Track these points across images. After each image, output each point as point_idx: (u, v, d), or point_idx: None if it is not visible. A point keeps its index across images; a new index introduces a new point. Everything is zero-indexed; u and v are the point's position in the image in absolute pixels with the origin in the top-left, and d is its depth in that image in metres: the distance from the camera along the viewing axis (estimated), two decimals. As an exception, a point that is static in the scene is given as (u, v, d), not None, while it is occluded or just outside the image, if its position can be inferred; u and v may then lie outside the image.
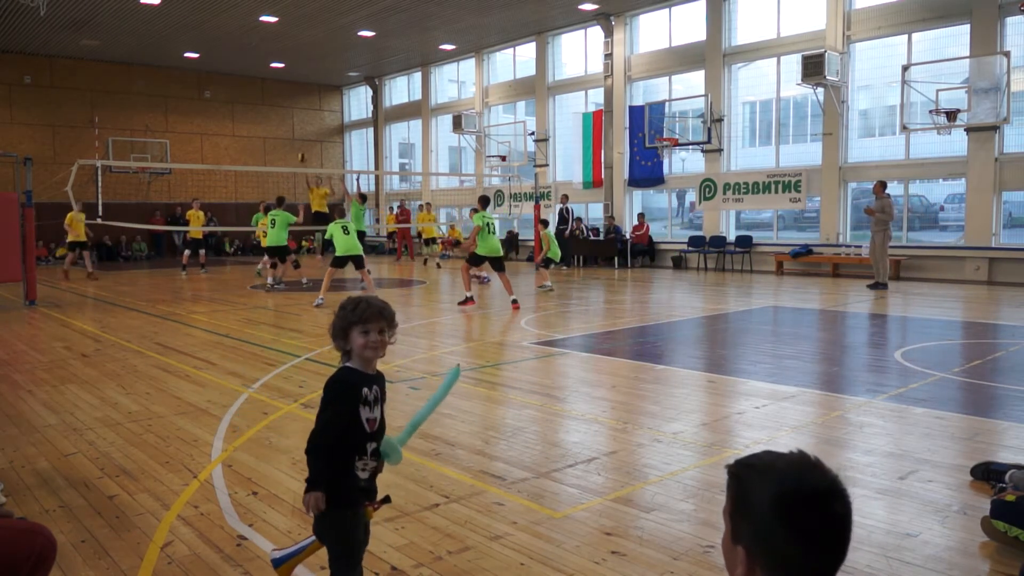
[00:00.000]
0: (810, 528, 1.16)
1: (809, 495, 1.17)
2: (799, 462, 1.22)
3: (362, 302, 2.55)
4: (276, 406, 5.88)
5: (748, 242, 18.91)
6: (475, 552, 3.30)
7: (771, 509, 1.17)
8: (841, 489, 1.20)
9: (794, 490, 1.17)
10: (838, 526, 1.19)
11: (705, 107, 19.07)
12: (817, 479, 1.19)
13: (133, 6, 19.39)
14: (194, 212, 19.67)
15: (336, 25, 21.70)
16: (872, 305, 11.83)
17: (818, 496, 1.17)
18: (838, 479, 1.21)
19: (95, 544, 3.43)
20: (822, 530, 1.17)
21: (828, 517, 1.18)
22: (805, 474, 1.20)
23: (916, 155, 16.26)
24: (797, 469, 1.21)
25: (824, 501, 1.18)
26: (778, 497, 1.17)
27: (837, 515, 1.18)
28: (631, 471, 4.36)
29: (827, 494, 1.18)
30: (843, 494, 1.20)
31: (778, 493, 1.17)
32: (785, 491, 1.17)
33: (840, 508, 1.19)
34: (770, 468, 1.22)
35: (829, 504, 1.18)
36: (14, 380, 7.02)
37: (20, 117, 25.29)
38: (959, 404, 5.90)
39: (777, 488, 1.18)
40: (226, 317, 11.21)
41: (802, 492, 1.17)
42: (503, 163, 24.23)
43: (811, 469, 1.21)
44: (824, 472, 1.21)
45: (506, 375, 6.97)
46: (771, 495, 1.18)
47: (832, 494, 1.19)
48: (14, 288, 13.80)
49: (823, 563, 1.18)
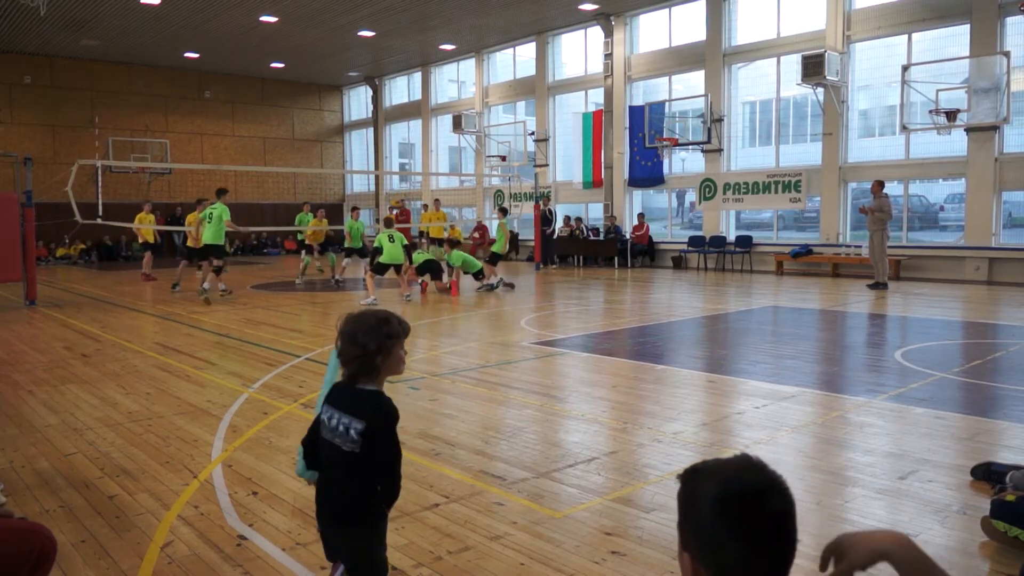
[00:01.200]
0: (750, 527, 1.16)
1: (747, 494, 1.17)
2: (739, 464, 1.22)
3: (394, 316, 2.43)
4: (276, 406, 5.88)
5: (748, 242, 18.91)
6: (475, 552, 3.30)
7: (711, 510, 1.17)
8: (781, 487, 1.20)
9: (734, 491, 1.18)
10: (779, 524, 1.18)
11: (705, 107, 19.07)
12: (756, 478, 1.20)
13: (133, 6, 19.40)
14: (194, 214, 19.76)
15: (336, 25, 21.70)
16: (872, 305, 11.83)
17: (757, 494, 1.17)
18: (778, 478, 1.21)
19: (95, 544, 3.43)
20: (763, 528, 1.16)
21: (768, 515, 1.17)
22: (744, 474, 1.20)
23: (916, 155, 16.26)
24: (737, 470, 1.21)
25: (763, 499, 1.17)
26: (718, 498, 1.17)
27: (777, 512, 1.18)
28: (631, 471, 4.36)
29: (765, 492, 1.18)
30: (783, 492, 1.19)
31: (718, 494, 1.18)
32: (725, 492, 1.18)
33: (779, 505, 1.18)
34: (712, 472, 1.22)
35: (768, 502, 1.17)
36: (14, 380, 7.02)
37: (20, 117, 25.29)
38: (959, 404, 5.90)
39: (717, 489, 1.18)
40: (226, 317, 11.21)
41: (741, 491, 1.17)
42: (503, 163, 24.22)
43: (751, 470, 1.21)
44: (764, 471, 1.21)
45: (506, 375, 6.97)
46: (712, 496, 1.18)
47: (770, 492, 1.18)
48: (14, 288, 13.79)
49: (767, 564, 1.17)
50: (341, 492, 2.41)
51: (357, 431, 2.32)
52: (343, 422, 2.35)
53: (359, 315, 2.42)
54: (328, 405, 2.43)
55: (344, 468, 2.37)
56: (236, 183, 28.62)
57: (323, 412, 2.43)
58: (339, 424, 2.36)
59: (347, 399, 2.39)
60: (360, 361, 2.34)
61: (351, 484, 2.37)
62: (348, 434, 2.33)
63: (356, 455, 2.33)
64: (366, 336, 2.34)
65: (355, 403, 2.36)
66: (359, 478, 2.36)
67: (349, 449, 2.33)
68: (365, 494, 2.38)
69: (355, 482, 2.36)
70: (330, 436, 2.39)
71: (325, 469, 2.46)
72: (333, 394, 2.44)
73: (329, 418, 2.40)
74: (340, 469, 2.38)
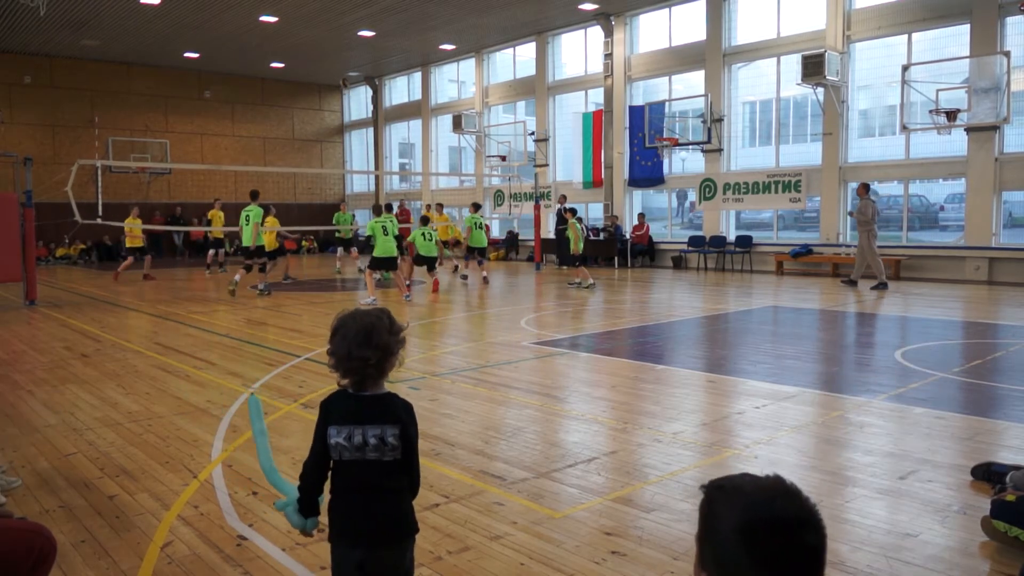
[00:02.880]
0: (776, 559, 1.07)
1: (778, 523, 1.08)
2: (772, 487, 1.13)
3: (388, 312, 2.32)
4: (276, 406, 5.88)
5: (748, 242, 18.91)
6: (475, 552, 3.30)
7: (736, 535, 1.09)
8: (816, 520, 1.11)
9: (763, 517, 1.09)
10: (808, 560, 1.09)
11: (705, 107, 19.07)
12: (790, 507, 1.10)
13: (133, 6, 19.39)
14: (215, 212, 19.95)
15: (336, 25, 21.70)
16: (872, 305, 11.83)
17: (788, 525, 1.09)
18: (814, 509, 1.12)
19: (95, 544, 3.43)
20: (789, 562, 1.07)
21: (797, 549, 1.08)
22: (777, 500, 1.11)
23: (916, 155, 16.25)
24: (769, 495, 1.12)
25: (794, 531, 1.09)
26: (745, 523, 1.09)
27: (808, 547, 1.09)
28: (631, 471, 4.36)
29: (798, 524, 1.09)
30: (817, 525, 1.10)
31: (745, 519, 1.09)
32: (753, 517, 1.09)
33: (812, 540, 1.09)
34: (739, 491, 1.13)
35: (799, 535, 1.09)
36: (14, 380, 7.02)
37: (20, 117, 25.28)
38: (959, 404, 5.90)
39: (744, 514, 1.10)
40: (226, 317, 11.21)
41: (771, 520, 1.09)
42: (503, 163, 24.23)
43: (784, 496, 1.11)
44: (799, 500, 1.12)
45: (506, 375, 6.97)
46: (737, 520, 1.09)
47: (804, 524, 1.09)
48: (14, 288, 13.79)
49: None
50: (391, 506, 2.23)
51: (395, 436, 2.18)
52: (373, 434, 2.18)
53: (363, 315, 2.25)
54: (339, 425, 2.20)
55: (388, 480, 2.21)
56: (236, 183, 28.63)
57: (334, 436, 2.20)
58: (368, 438, 2.18)
59: (365, 410, 2.21)
60: (378, 365, 2.19)
61: (399, 493, 2.25)
62: (385, 444, 2.18)
63: (399, 462, 2.21)
64: (385, 337, 2.20)
65: (379, 411, 2.21)
66: (402, 483, 2.25)
67: (391, 458, 2.19)
68: (408, 498, 2.28)
69: (402, 489, 2.26)
70: (358, 455, 2.19)
71: (356, 492, 2.22)
72: (340, 411, 2.22)
73: (348, 437, 2.19)
74: (383, 482, 2.21)
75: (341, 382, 2.25)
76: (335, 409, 2.23)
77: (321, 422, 2.23)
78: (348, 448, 2.19)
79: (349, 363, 2.18)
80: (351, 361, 2.18)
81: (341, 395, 2.25)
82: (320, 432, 2.23)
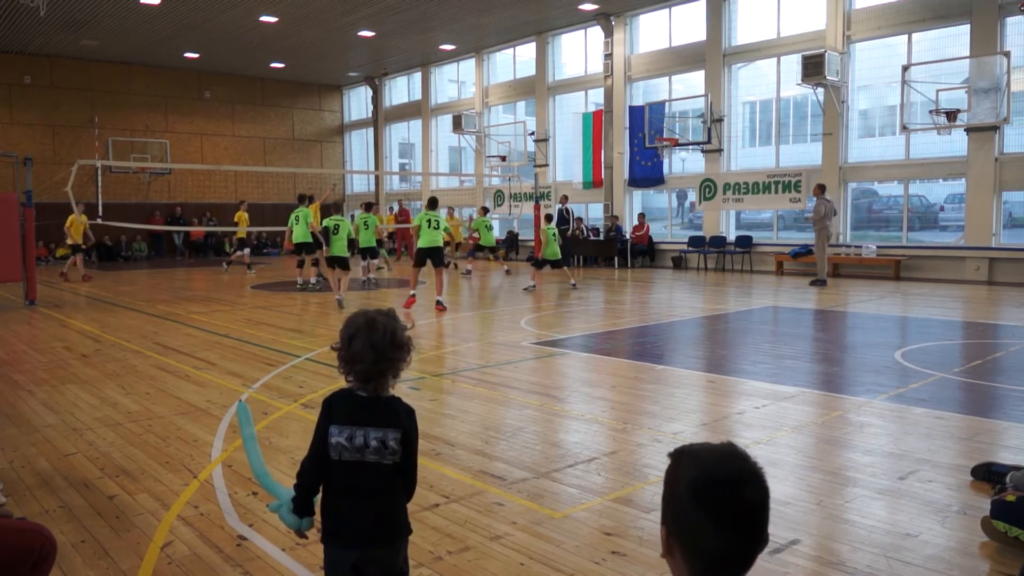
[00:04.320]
0: (721, 511, 1.22)
1: (723, 481, 1.23)
2: (721, 450, 1.28)
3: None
4: (276, 406, 5.88)
5: (748, 242, 18.91)
6: (475, 552, 3.30)
7: (688, 491, 1.24)
8: (758, 479, 1.25)
9: (710, 475, 1.24)
10: (750, 511, 1.23)
11: (705, 107, 19.07)
12: (734, 466, 1.25)
13: (133, 6, 19.39)
14: (241, 213, 19.98)
15: (336, 25, 21.70)
16: (872, 305, 11.82)
17: (732, 482, 1.23)
18: (757, 468, 1.26)
19: (95, 544, 3.43)
20: (733, 514, 1.22)
21: (740, 502, 1.22)
22: (724, 461, 1.26)
23: (916, 155, 16.25)
24: (717, 456, 1.27)
25: (737, 487, 1.23)
26: (695, 480, 1.24)
27: (749, 501, 1.23)
28: (631, 471, 4.36)
29: (741, 481, 1.24)
30: (759, 483, 1.25)
31: (696, 477, 1.25)
32: (702, 475, 1.24)
33: (753, 495, 1.24)
34: (695, 454, 1.29)
35: (741, 490, 1.23)
36: (14, 380, 7.02)
37: (20, 117, 25.28)
38: (959, 404, 5.90)
39: (696, 473, 1.25)
40: (226, 317, 11.21)
41: (717, 477, 1.24)
42: (503, 163, 24.23)
43: (731, 457, 1.27)
44: (744, 462, 1.26)
45: (506, 375, 6.97)
46: (690, 478, 1.25)
47: (747, 482, 1.24)
48: (14, 288, 13.79)
49: (735, 546, 1.23)
50: (387, 507, 2.24)
51: (396, 441, 2.19)
52: (375, 436, 2.18)
53: (381, 318, 2.22)
54: (341, 425, 2.19)
55: (385, 482, 2.22)
56: (236, 183, 28.65)
57: (335, 435, 2.19)
58: (369, 441, 2.18)
59: (369, 412, 2.20)
60: (395, 366, 2.20)
61: (396, 495, 2.25)
62: (386, 448, 2.18)
63: (397, 465, 2.21)
64: (402, 338, 2.20)
65: (382, 414, 2.21)
66: (397, 486, 2.25)
67: (390, 462, 2.20)
68: (403, 500, 2.29)
69: (398, 491, 2.26)
70: (358, 456, 2.19)
71: (352, 493, 2.21)
72: (343, 411, 2.21)
73: (350, 438, 2.18)
74: (380, 484, 2.21)
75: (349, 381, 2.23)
76: (338, 409, 2.22)
77: (323, 420, 2.22)
78: (348, 449, 2.19)
79: (377, 365, 2.17)
80: (381, 363, 2.17)
81: (345, 395, 2.24)
82: (321, 430, 2.22)
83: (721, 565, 1.24)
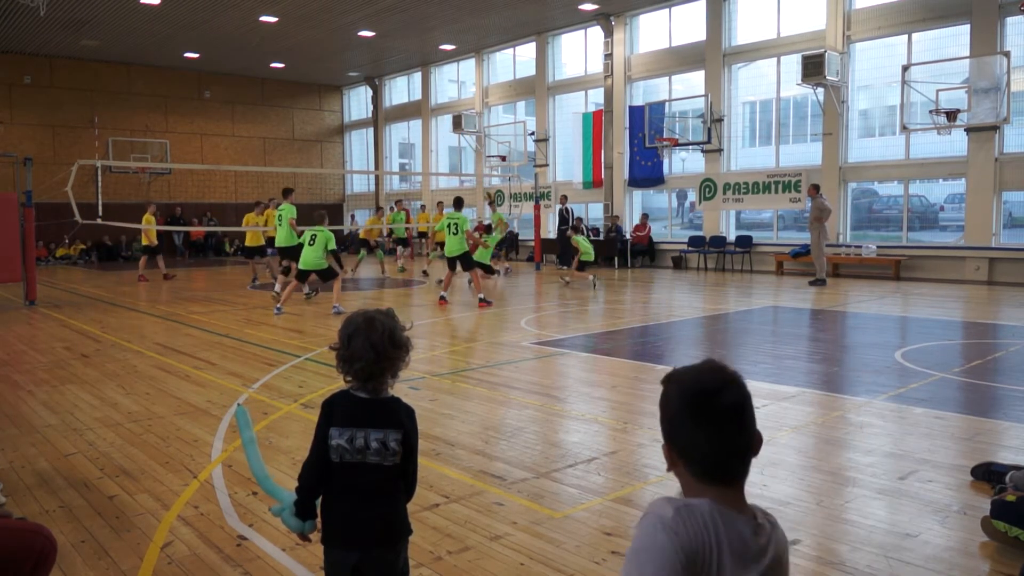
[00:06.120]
0: (707, 417, 1.39)
1: (703, 390, 1.41)
2: (701, 367, 1.46)
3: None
4: (276, 406, 5.88)
5: (748, 242, 18.91)
6: (475, 552, 3.30)
7: (679, 405, 1.42)
8: (735, 385, 1.42)
9: (695, 388, 1.42)
10: (732, 412, 1.40)
11: (705, 107, 19.07)
12: (714, 377, 1.43)
13: (133, 6, 19.39)
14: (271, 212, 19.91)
15: (336, 25, 21.70)
16: (872, 305, 11.82)
17: (713, 390, 1.40)
18: (733, 376, 1.43)
19: (95, 544, 3.43)
20: (718, 417, 1.39)
21: (721, 406, 1.39)
22: (704, 375, 1.44)
23: (916, 155, 16.25)
24: (698, 372, 1.45)
25: (717, 394, 1.40)
26: (683, 394, 1.42)
27: (730, 404, 1.40)
28: (631, 471, 4.36)
29: (720, 389, 1.40)
30: (736, 387, 1.42)
31: (683, 391, 1.43)
32: (689, 389, 1.42)
33: (731, 398, 1.40)
34: (681, 376, 1.46)
35: (721, 396, 1.40)
36: (14, 380, 7.02)
37: (20, 117, 25.29)
38: (959, 404, 5.90)
39: (682, 388, 1.43)
40: (226, 317, 11.21)
41: (700, 388, 1.41)
42: (503, 163, 24.22)
43: (709, 371, 1.44)
44: (722, 372, 1.43)
45: (506, 375, 6.97)
46: (679, 394, 1.43)
47: (725, 389, 1.41)
48: (14, 288, 13.79)
49: (726, 446, 1.40)
50: (388, 509, 2.23)
51: (397, 442, 2.18)
52: (376, 438, 2.17)
53: (380, 317, 2.22)
54: (342, 427, 2.18)
55: (387, 483, 2.21)
56: (236, 183, 28.66)
57: (336, 437, 2.18)
58: (370, 442, 2.17)
59: (369, 413, 2.19)
60: (394, 366, 2.19)
61: (397, 496, 2.25)
62: (387, 449, 2.17)
63: (398, 466, 2.20)
64: (401, 337, 2.20)
65: (383, 415, 2.20)
66: (398, 487, 2.25)
67: (391, 463, 2.19)
68: (404, 501, 2.28)
69: (399, 492, 2.25)
70: (359, 458, 2.17)
71: (353, 494, 2.21)
72: (344, 412, 2.20)
73: (350, 440, 2.17)
74: (381, 486, 2.21)
75: (348, 381, 2.22)
76: (338, 410, 2.21)
77: (323, 423, 2.21)
78: (349, 451, 2.17)
79: (376, 364, 2.16)
80: (380, 363, 2.17)
81: (345, 396, 2.23)
82: (321, 433, 2.21)
83: (717, 465, 1.40)
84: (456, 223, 12.19)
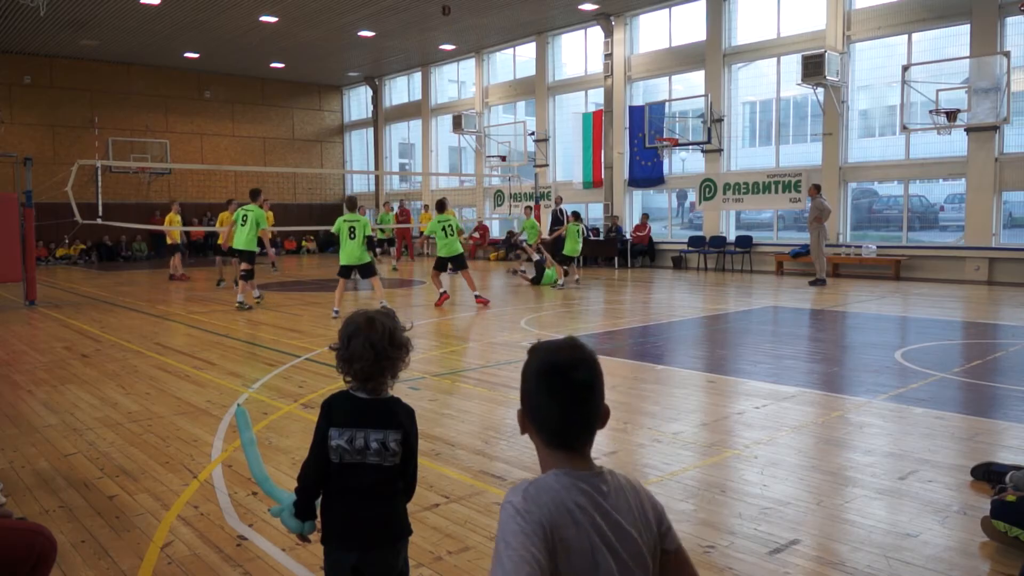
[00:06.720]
0: (558, 390, 1.48)
1: (558, 365, 1.49)
2: (561, 343, 1.54)
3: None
4: (276, 406, 5.88)
5: (748, 242, 18.91)
6: (475, 552, 3.30)
7: (533, 376, 1.51)
8: (588, 363, 1.50)
9: (549, 361, 1.50)
10: (580, 388, 1.49)
11: (705, 107, 19.07)
12: (568, 355, 1.50)
13: (133, 6, 19.39)
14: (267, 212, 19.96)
15: (336, 25, 21.70)
16: (872, 305, 11.82)
17: (565, 366, 1.48)
18: (589, 356, 1.51)
19: (95, 544, 3.43)
20: (567, 391, 1.48)
21: (571, 381, 1.48)
22: (560, 352, 1.51)
23: (916, 155, 16.26)
24: (555, 347, 1.53)
25: (568, 370, 1.48)
26: (538, 368, 1.50)
27: (579, 380, 1.48)
28: (631, 471, 4.35)
29: (572, 366, 1.48)
30: (588, 366, 1.50)
31: (538, 364, 1.51)
32: (543, 362, 1.51)
33: (582, 376, 1.48)
34: (540, 350, 1.54)
35: (572, 373, 1.48)
36: (14, 380, 7.02)
37: (20, 117, 25.28)
38: (959, 404, 5.90)
39: (538, 362, 1.51)
40: (226, 317, 11.20)
41: (553, 363, 1.49)
42: (503, 163, 24.22)
43: (567, 348, 1.52)
44: (578, 350, 1.51)
45: (506, 375, 6.97)
46: (535, 365, 1.51)
47: (577, 366, 1.49)
48: (14, 288, 13.79)
49: (571, 417, 1.50)
50: (388, 509, 2.23)
51: (397, 441, 2.17)
52: (375, 438, 2.16)
53: (380, 317, 2.21)
54: (341, 427, 2.17)
55: (387, 484, 2.21)
56: (236, 183, 28.62)
57: (336, 438, 2.17)
58: (370, 443, 2.16)
59: (369, 413, 2.19)
60: (394, 366, 2.19)
61: (397, 496, 2.24)
62: (387, 449, 2.17)
63: (398, 466, 2.20)
64: (401, 338, 2.19)
65: (383, 415, 2.19)
66: (398, 487, 2.24)
67: (391, 464, 2.18)
68: (403, 501, 2.28)
69: (399, 492, 2.25)
70: (359, 458, 2.17)
71: (353, 495, 2.20)
72: (343, 413, 2.19)
73: (350, 440, 2.16)
74: (381, 486, 2.20)
75: (347, 381, 2.22)
76: (338, 411, 2.20)
77: (322, 423, 2.21)
78: (349, 451, 2.17)
79: (376, 364, 2.16)
80: (380, 363, 2.16)
81: (344, 397, 2.22)
82: (321, 433, 2.20)
83: (561, 432, 1.50)
84: (449, 224, 12.17)
